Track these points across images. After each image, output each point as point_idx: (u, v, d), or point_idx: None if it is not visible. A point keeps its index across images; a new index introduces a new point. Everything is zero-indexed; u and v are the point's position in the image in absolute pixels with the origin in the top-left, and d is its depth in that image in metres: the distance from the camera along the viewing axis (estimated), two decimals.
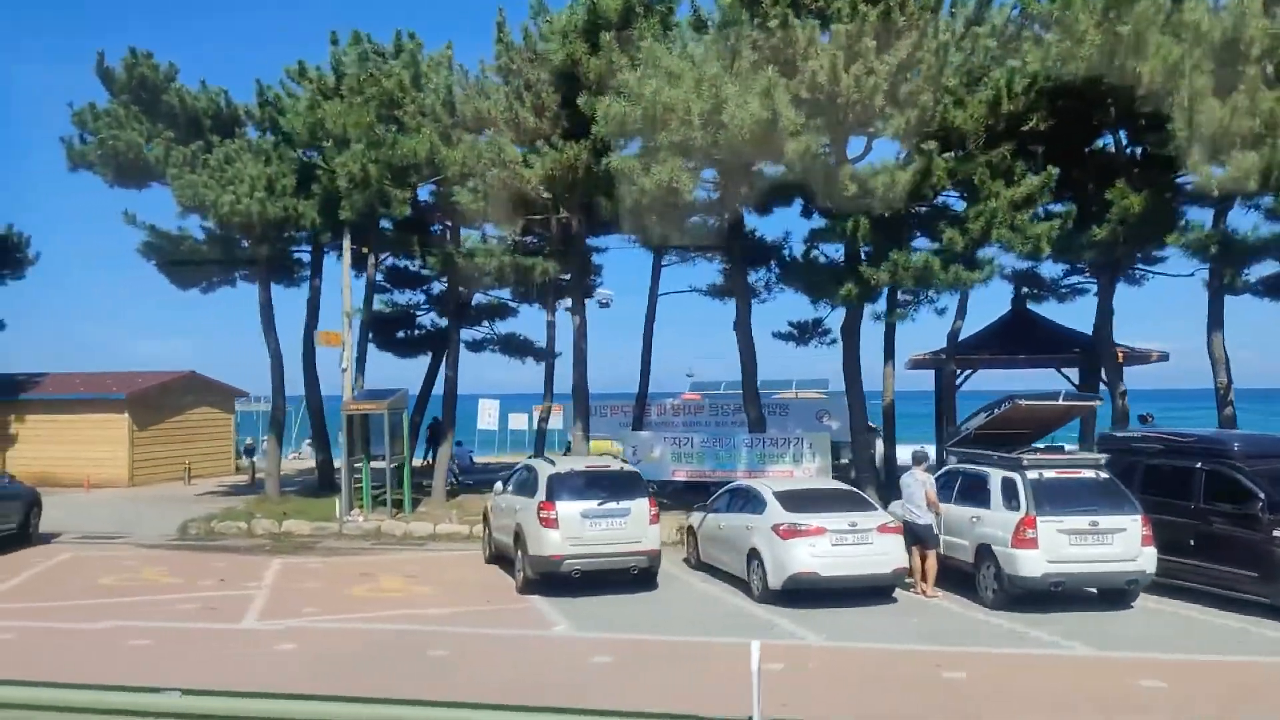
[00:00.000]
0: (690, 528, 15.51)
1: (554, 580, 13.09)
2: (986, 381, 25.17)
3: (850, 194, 15.49)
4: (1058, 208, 16.61)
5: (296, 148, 20.25)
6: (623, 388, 38.11)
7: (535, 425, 32.31)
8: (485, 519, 16.33)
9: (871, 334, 19.95)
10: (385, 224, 22.05)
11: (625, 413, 22.91)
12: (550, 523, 12.89)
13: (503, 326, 27.39)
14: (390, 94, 19.09)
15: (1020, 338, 21.85)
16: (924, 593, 12.88)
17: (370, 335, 28.00)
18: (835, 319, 19.62)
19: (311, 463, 34.70)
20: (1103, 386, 19.58)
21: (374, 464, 20.73)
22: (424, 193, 21.71)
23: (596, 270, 24.25)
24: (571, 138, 17.26)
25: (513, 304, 25.33)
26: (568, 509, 12.93)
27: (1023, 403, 12.69)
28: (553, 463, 13.95)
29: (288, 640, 10.88)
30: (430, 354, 27.90)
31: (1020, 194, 15.36)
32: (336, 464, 26.64)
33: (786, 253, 19.06)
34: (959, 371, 22.81)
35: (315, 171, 19.94)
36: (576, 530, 12.90)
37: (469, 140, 17.41)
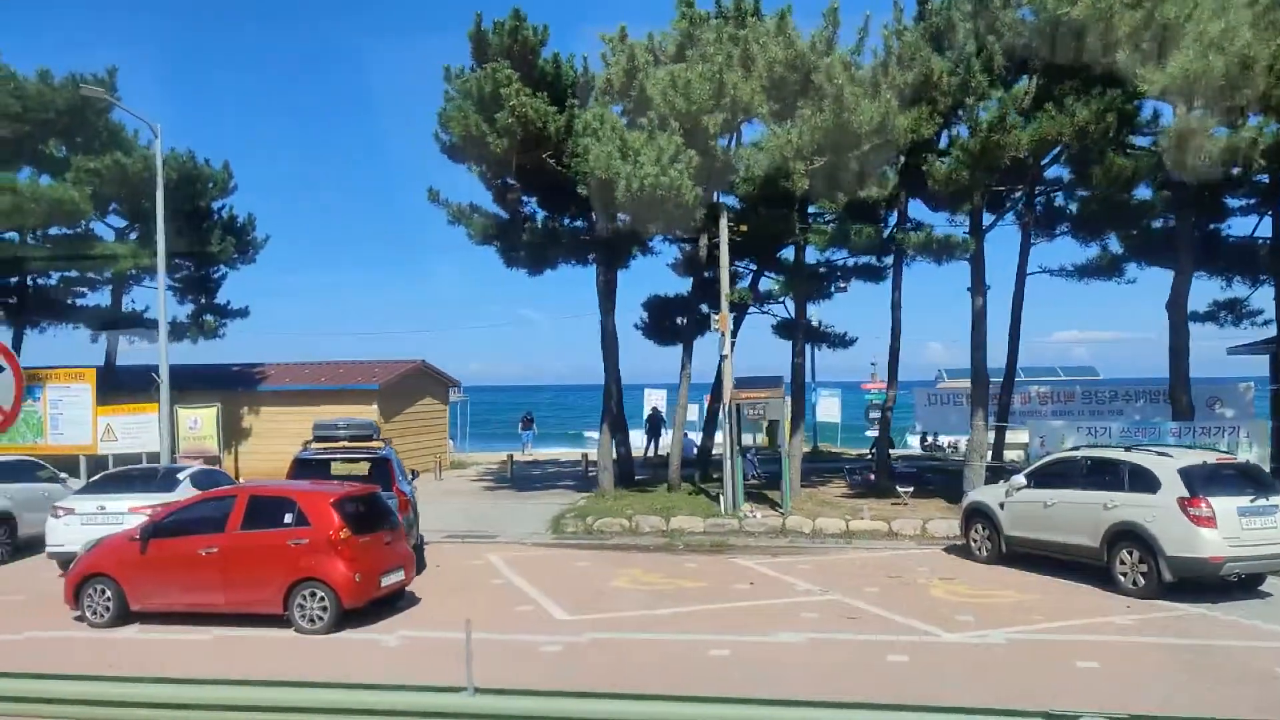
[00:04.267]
0: None
1: (1185, 585, 11.88)
2: None
3: None
4: None
5: (681, 119, 18.79)
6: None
7: (876, 414, 31.42)
8: (979, 514, 15.06)
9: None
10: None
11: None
12: (1205, 521, 11.62)
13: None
14: (797, 59, 17.71)
15: None
16: None
17: (643, 320, 26.97)
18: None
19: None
20: None
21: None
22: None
23: None
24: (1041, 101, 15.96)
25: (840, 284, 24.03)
26: (1223, 506, 11.66)
27: None
28: (1166, 454, 12.63)
29: (1077, 655, 9.58)
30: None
31: None
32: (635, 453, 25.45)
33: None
34: None
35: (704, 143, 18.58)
36: (1234, 529, 11.64)
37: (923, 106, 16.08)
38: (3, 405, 6.81)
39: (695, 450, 33.67)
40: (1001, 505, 14.61)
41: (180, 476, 15.48)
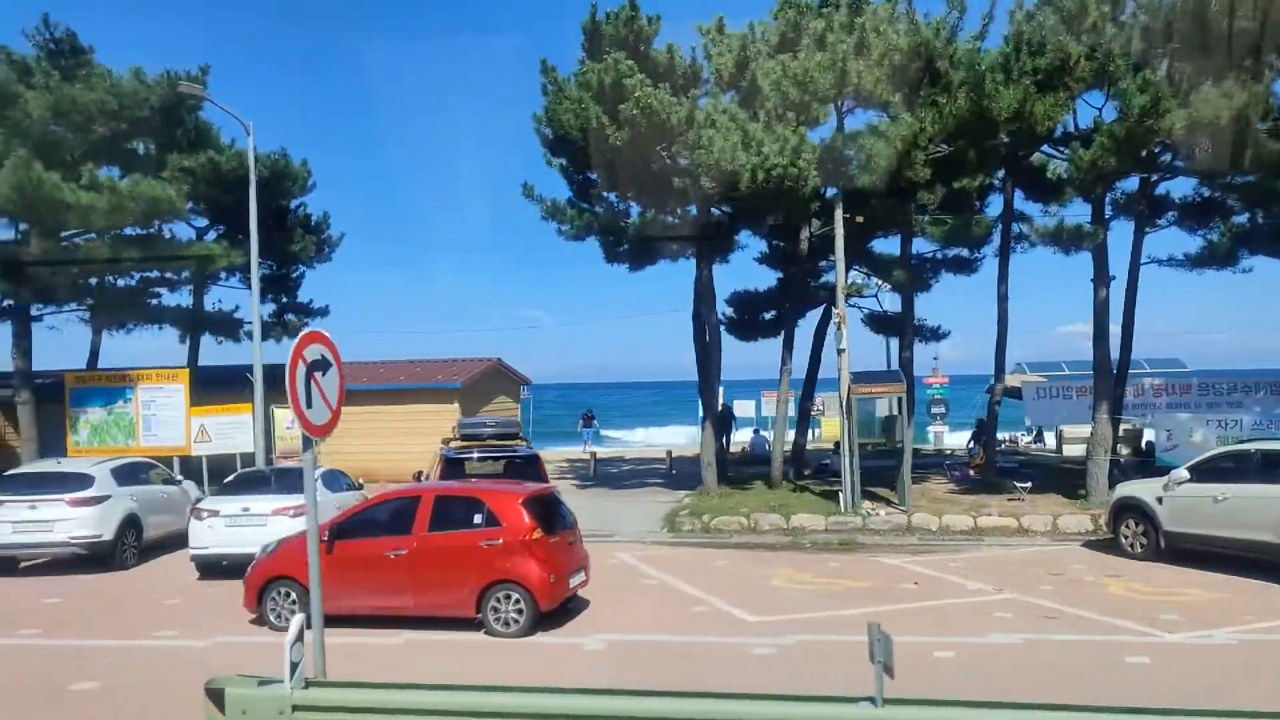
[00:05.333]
0: None
1: None
2: None
3: None
4: None
5: (795, 109, 18.43)
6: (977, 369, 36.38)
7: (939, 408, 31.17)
8: (1131, 510, 14.66)
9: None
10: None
11: (1090, 393, 21.13)
12: None
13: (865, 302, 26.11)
14: (921, 46, 17.35)
15: None
16: None
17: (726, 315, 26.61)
18: None
19: None
20: None
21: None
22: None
23: None
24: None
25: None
26: None
27: None
28: None
29: None
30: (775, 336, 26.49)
31: None
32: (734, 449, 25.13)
33: None
34: None
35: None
36: None
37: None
38: (330, 403, 6.54)
39: (767, 446, 33.44)
40: (1160, 500, 14.21)
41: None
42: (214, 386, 24.66)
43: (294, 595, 10.66)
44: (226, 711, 5.13)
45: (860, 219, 18.98)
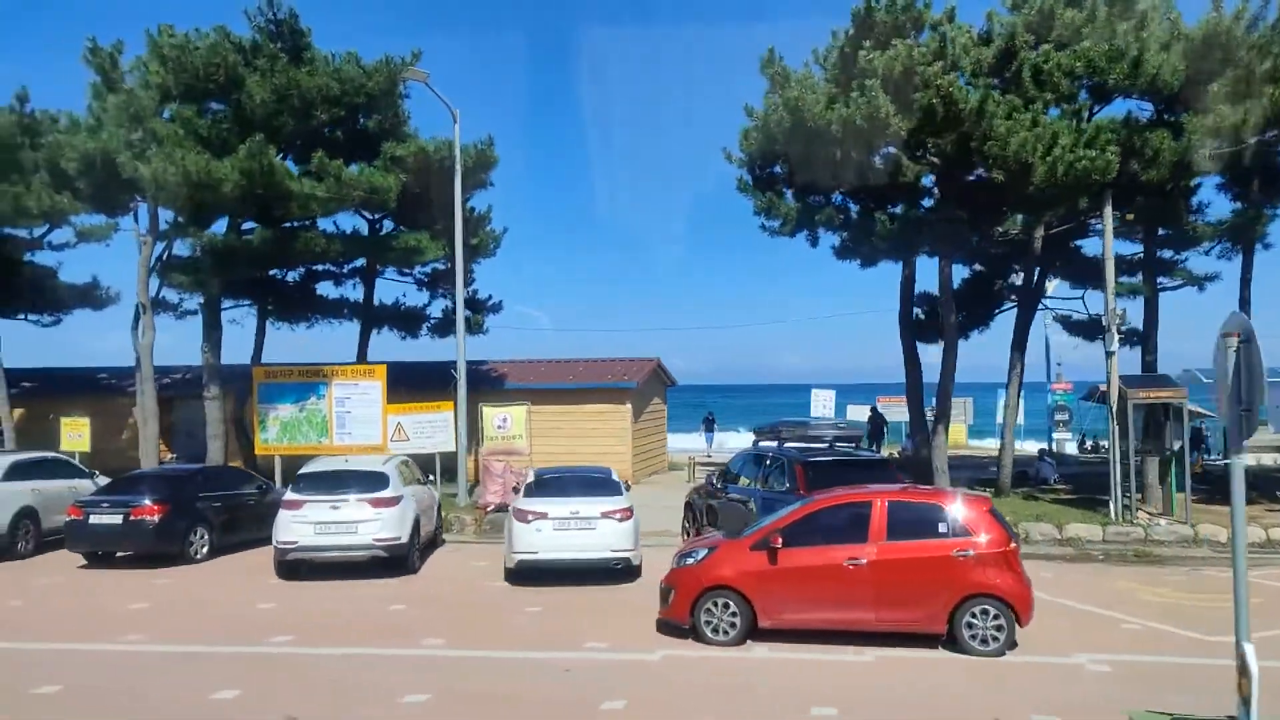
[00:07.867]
0: None
1: None
2: None
3: None
4: None
5: (1062, 99, 17.68)
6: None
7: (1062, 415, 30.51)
8: None
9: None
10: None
11: None
12: None
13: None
14: (1221, 34, 16.58)
15: None
16: None
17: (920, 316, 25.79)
18: None
19: None
20: None
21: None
22: None
23: None
24: None
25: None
26: None
27: None
28: None
29: None
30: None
31: None
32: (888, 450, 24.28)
33: None
34: None
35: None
36: None
37: None
38: None
39: (923, 453, 32.56)
40: None
41: (615, 479, 14.50)
42: (401, 384, 23.92)
43: (733, 606, 9.87)
44: None
45: (1130, 216, 18.19)
